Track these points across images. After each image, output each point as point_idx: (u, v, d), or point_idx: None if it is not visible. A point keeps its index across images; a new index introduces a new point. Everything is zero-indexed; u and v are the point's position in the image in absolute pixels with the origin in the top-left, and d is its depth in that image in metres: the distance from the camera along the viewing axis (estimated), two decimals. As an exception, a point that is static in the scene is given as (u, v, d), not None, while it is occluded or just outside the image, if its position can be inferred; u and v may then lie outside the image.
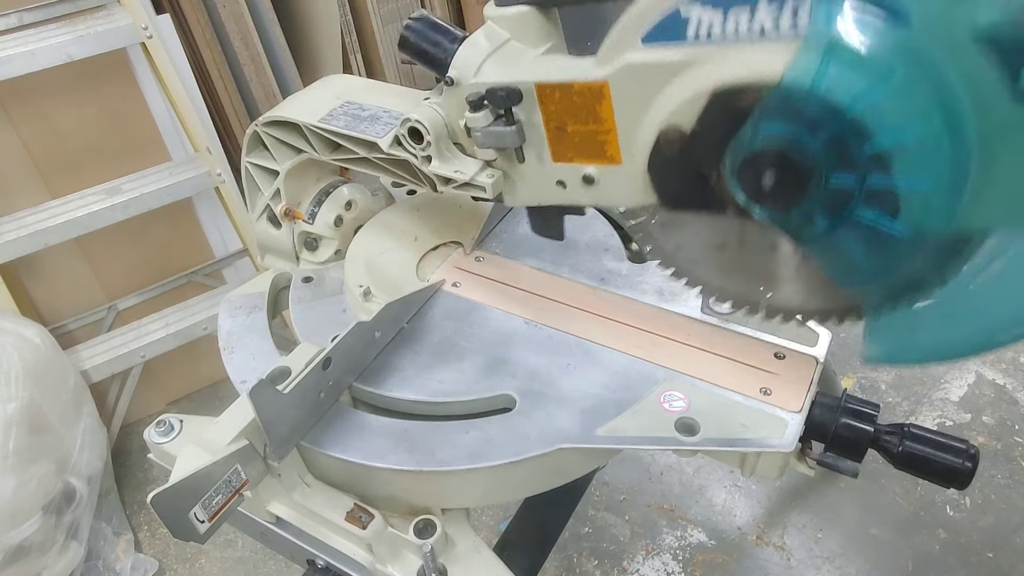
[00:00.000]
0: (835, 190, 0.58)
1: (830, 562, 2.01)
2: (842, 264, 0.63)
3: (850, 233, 0.60)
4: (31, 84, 1.88)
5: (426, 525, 0.80)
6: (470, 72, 0.79)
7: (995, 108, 0.51)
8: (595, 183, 0.78)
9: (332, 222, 1.08)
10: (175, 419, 0.89)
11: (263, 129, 1.03)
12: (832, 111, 0.54)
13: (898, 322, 0.66)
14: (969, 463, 0.74)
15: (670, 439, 0.76)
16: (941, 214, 0.56)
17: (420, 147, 0.86)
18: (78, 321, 2.29)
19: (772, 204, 0.62)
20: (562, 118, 0.75)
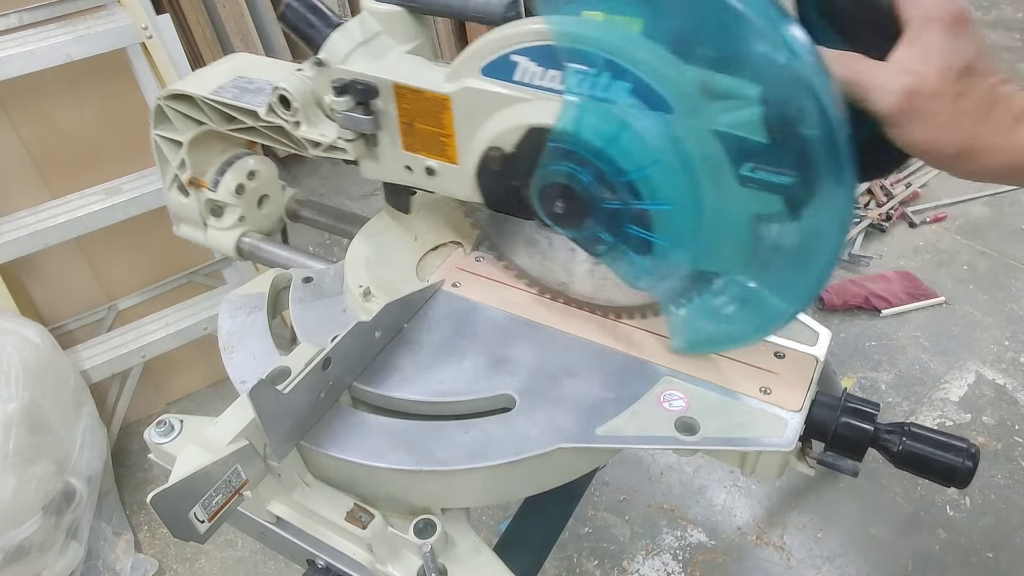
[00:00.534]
0: (608, 212, 0.73)
1: (830, 562, 2.01)
2: (628, 268, 0.78)
3: (627, 245, 0.75)
4: (31, 84, 1.88)
5: (426, 525, 0.80)
6: (339, 58, 0.87)
7: (723, 180, 0.67)
8: (436, 175, 0.89)
9: (234, 190, 1.18)
10: (175, 419, 0.89)
11: (165, 102, 1.12)
12: (593, 151, 0.70)
13: (690, 319, 0.82)
14: (969, 462, 0.74)
15: (670, 438, 0.76)
16: (685, 234, 0.72)
17: (289, 113, 0.96)
18: (78, 321, 2.29)
19: (565, 224, 0.78)
20: (412, 116, 0.86)
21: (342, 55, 0.86)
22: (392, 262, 1.02)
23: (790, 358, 0.84)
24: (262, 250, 1.21)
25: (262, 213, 1.25)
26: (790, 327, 0.87)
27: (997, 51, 4.38)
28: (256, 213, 1.24)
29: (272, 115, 0.98)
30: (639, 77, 0.66)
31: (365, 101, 0.86)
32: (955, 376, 2.46)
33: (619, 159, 0.69)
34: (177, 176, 1.18)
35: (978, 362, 2.50)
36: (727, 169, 0.67)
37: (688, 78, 0.65)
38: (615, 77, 0.68)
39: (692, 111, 0.66)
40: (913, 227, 3.08)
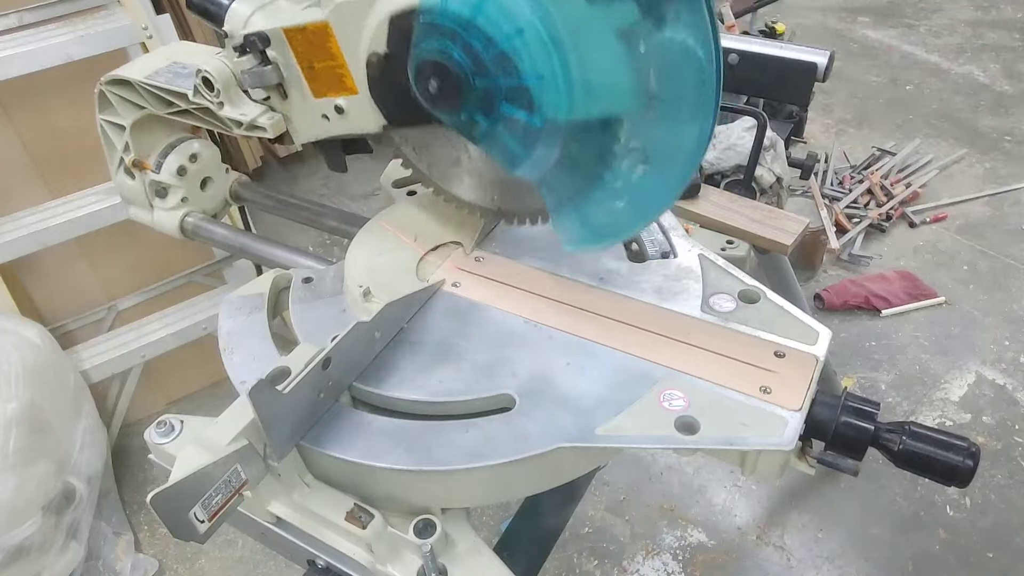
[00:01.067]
0: (482, 91, 0.73)
1: (830, 562, 2.01)
2: (506, 154, 0.78)
3: (504, 128, 0.75)
4: (31, 84, 1.88)
5: (426, 525, 0.80)
6: (240, 24, 0.92)
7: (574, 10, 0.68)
8: (345, 113, 0.93)
9: (176, 171, 1.25)
10: (175, 419, 0.88)
11: (107, 88, 1.17)
12: (460, 23, 0.70)
13: (573, 213, 0.83)
14: (970, 461, 0.74)
15: (670, 438, 0.76)
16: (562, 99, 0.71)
17: (213, 95, 1.01)
18: (78, 321, 2.29)
19: (443, 107, 0.78)
20: (309, 58, 0.90)
21: (243, 21, 0.92)
22: (392, 262, 1.02)
23: (790, 357, 0.83)
24: (205, 229, 1.28)
25: (206, 195, 1.32)
26: (791, 326, 0.87)
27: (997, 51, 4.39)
28: (199, 195, 1.30)
29: (199, 97, 1.04)
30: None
31: (262, 51, 0.91)
32: (955, 376, 2.46)
33: (487, 28, 0.70)
34: (123, 159, 1.25)
35: (978, 362, 2.50)
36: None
37: None
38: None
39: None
40: (913, 227, 3.08)
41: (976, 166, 3.40)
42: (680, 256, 1.00)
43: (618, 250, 1.02)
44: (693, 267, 0.97)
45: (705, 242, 1.05)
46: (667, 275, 0.97)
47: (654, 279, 0.96)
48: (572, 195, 0.82)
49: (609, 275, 0.98)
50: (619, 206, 0.80)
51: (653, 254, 1.01)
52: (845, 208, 3.08)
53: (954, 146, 3.51)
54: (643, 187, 0.77)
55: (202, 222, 1.29)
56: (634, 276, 0.97)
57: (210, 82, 1.00)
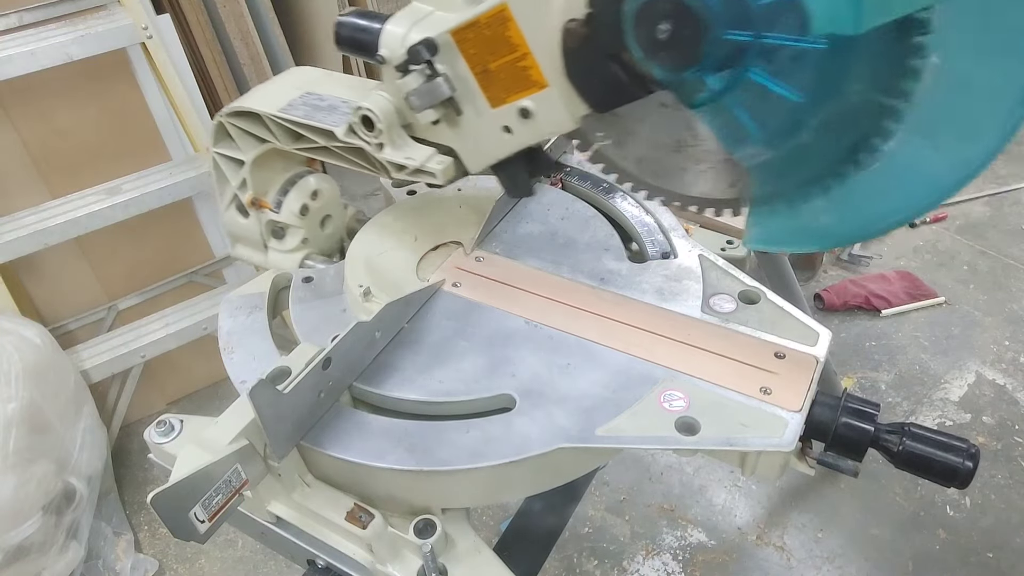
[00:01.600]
0: (731, 40, 0.58)
1: (830, 562, 2.01)
2: (731, 128, 0.64)
3: (741, 91, 0.60)
4: (31, 84, 1.88)
5: (426, 525, 0.80)
6: (397, 45, 0.83)
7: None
8: (533, 116, 0.80)
9: (298, 211, 1.10)
10: (175, 419, 0.89)
11: (228, 119, 1.05)
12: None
13: (782, 206, 0.68)
14: (970, 462, 0.74)
15: (670, 438, 0.76)
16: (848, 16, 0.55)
17: (372, 135, 0.89)
18: (78, 321, 2.29)
19: (667, 60, 0.63)
20: (484, 58, 0.78)
21: (399, 40, 0.83)
22: (392, 262, 1.02)
23: (790, 358, 0.83)
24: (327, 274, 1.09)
25: (325, 234, 1.17)
26: (792, 327, 0.87)
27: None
28: (319, 234, 1.16)
29: (351, 136, 0.92)
30: None
31: (428, 62, 0.80)
32: (955, 376, 2.46)
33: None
34: (236, 196, 1.12)
35: (978, 362, 2.50)
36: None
37: None
38: None
39: None
40: (913, 227, 3.08)
41: None
42: (680, 256, 1.00)
43: (618, 250, 1.02)
44: (693, 267, 0.97)
45: (705, 242, 1.05)
46: (667, 275, 0.97)
47: (654, 279, 0.96)
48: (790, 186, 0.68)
49: (609, 275, 0.98)
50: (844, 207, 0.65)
51: (653, 254, 1.01)
52: (845, 208, 3.08)
53: (954, 146, 3.51)
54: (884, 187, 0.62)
55: (322, 264, 1.13)
56: (634, 276, 0.97)
57: (371, 121, 0.88)
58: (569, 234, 1.05)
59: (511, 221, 1.09)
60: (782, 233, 0.71)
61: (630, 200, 1.11)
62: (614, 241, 1.04)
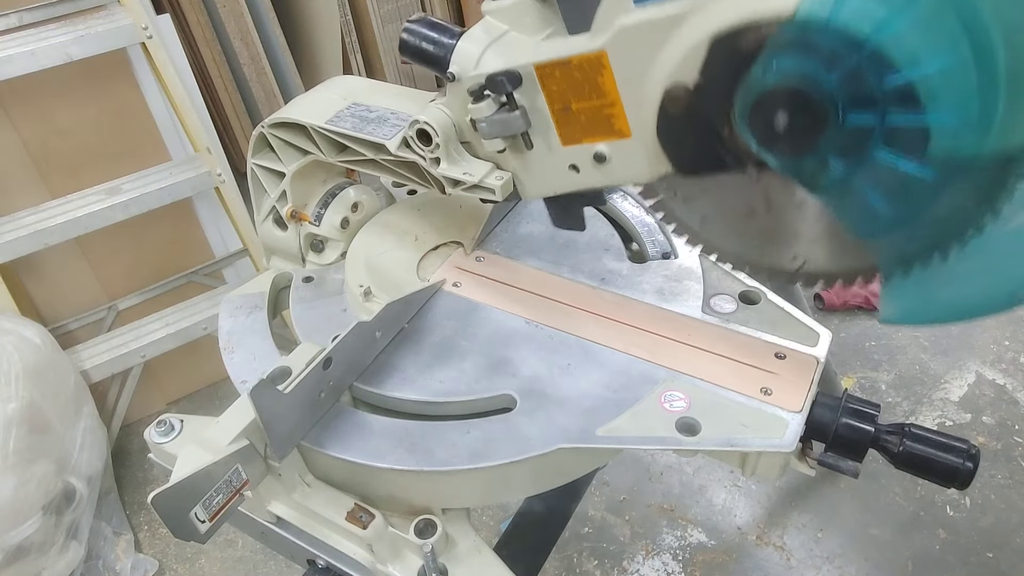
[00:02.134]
0: (853, 129, 0.55)
1: (830, 562, 2.01)
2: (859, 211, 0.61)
3: (868, 177, 0.57)
4: (31, 84, 1.88)
5: (427, 525, 0.80)
6: (471, 64, 0.79)
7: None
8: (607, 161, 0.77)
9: (339, 224, 1.08)
10: (175, 419, 0.89)
11: (270, 131, 1.02)
12: (851, 42, 0.52)
13: (916, 280, 0.64)
14: (970, 463, 0.74)
15: (671, 439, 0.76)
16: (970, 145, 0.53)
17: (428, 149, 0.86)
18: (78, 321, 2.29)
19: (786, 148, 0.60)
20: (566, 97, 0.75)
21: (474, 60, 0.79)
22: (393, 262, 1.02)
23: (791, 359, 0.83)
24: None
25: None
26: (792, 328, 0.87)
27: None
28: None
29: (405, 150, 0.89)
30: None
31: (508, 94, 0.76)
32: (955, 376, 2.46)
33: (892, 51, 0.51)
34: (274, 208, 1.09)
35: (978, 362, 2.50)
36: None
37: None
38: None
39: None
40: (913, 227, 3.08)
41: None
42: (681, 257, 1.00)
43: (619, 250, 1.02)
44: (694, 268, 0.97)
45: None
46: (668, 276, 0.97)
47: (655, 280, 0.96)
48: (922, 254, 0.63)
49: (610, 276, 0.98)
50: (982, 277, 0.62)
51: (654, 255, 1.01)
52: (845, 208, 3.08)
53: (954, 146, 3.51)
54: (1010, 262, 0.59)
55: None
56: (635, 277, 0.97)
57: (428, 135, 0.85)
58: (569, 234, 1.05)
59: (511, 221, 1.09)
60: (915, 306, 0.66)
61: (630, 200, 1.11)
62: (614, 241, 1.04)
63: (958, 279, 0.62)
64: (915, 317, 0.68)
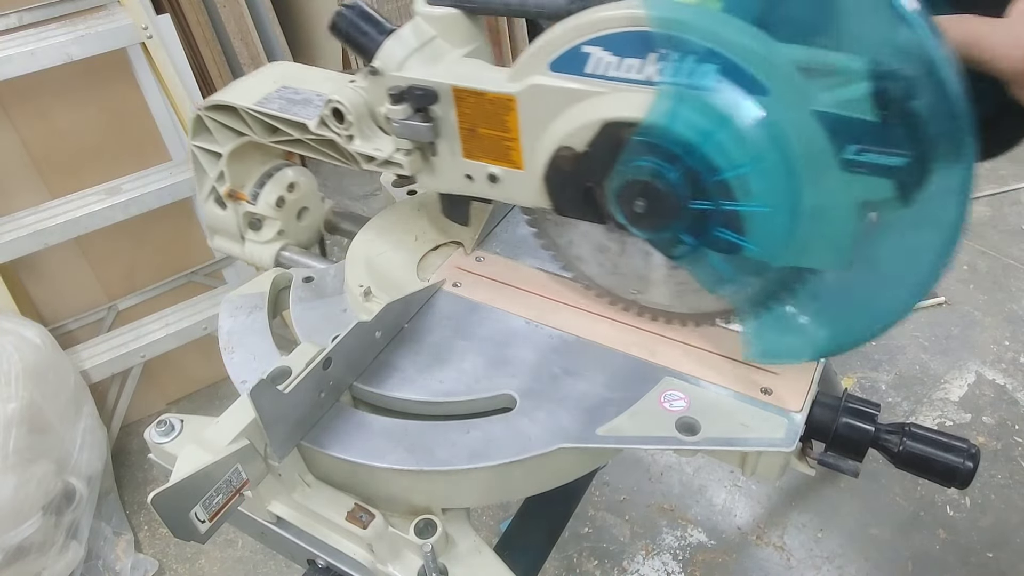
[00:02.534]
0: (695, 212, 0.68)
1: (830, 562, 2.01)
2: (710, 273, 0.74)
3: (711, 249, 0.70)
4: (31, 84, 1.88)
5: (427, 525, 0.80)
6: (394, 65, 0.83)
7: (824, 169, 0.62)
8: (499, 182, 0.85)
9: (274, 203, 1.14)
10: (176, 419, 0.89)
11: (205, 113, 1.08)
12: (685, 147, 0.65)
13: (770, 325, 0.77)
14: (970, 462, 0.74)
15: (670, 439, 0.76)
16: (780, 237, 0.66)
17: (342, 127, 0.92)
18: (78, 321, 2.29)
19: (645, 226, 0.72)
20: (475, 121, 0.81)
21: (397, 62, 0.83)
22: (393, 262, 1.02)
23: (791, 358, 0.83)
24: (301, 263, 1.16)
25: (301, 226, 1.21)
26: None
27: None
28: (295, 226, 1.20)
29: (323, 128, 0.94)
30: (732, 61, 0.61)
31: (424, 108, 0.82)
32: (955, 376, 2.46)
33: (713, 156, 0.64)
34: (214, 188, 1.15)
35: (978, 362, 2.50)
36: (830, 154, 0.61)
37: (784, 56, 0.60)
38: (706, 62, 0.62)
39: (790, 93, 0.60)
40: (913, 227, 3.07)
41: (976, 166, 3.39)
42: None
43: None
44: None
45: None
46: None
47: (655, 279, 0.96)
48: (766, 306, 0.76)
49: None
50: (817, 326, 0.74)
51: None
52: (845, 208, 3.08)
53: (954, 146, 3.51)
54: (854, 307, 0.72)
55: (299, 256, 1.17)
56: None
57: (341, 113, 0.90)
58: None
59: (512, 221, 1.09)
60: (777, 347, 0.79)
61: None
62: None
63: (799, 328, 0.75)
64: (769, 356, 0.80)
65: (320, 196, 1.24)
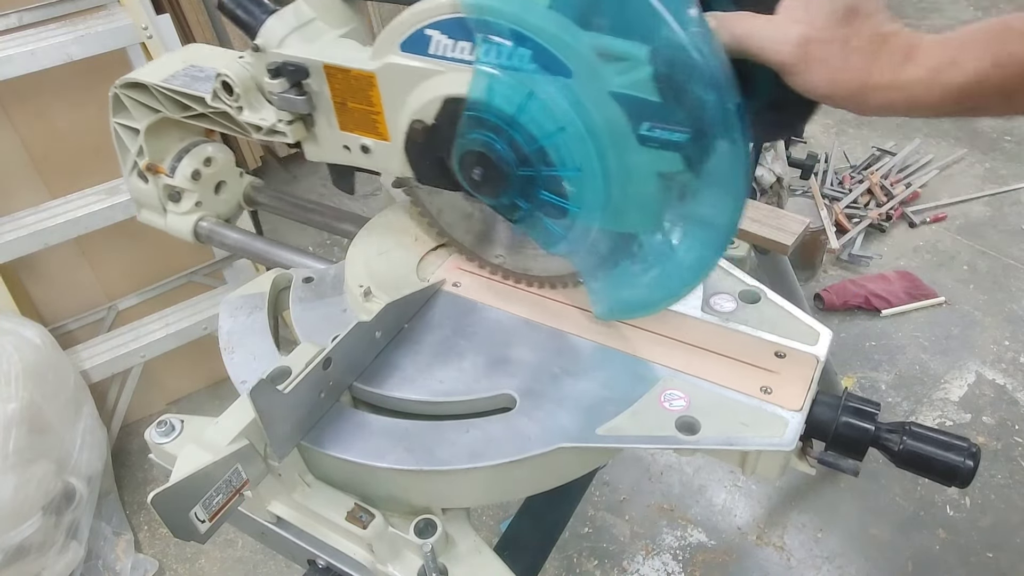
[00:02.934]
0: (523, 179, 0.76)
1: (830, 562, 2.02)
2: (545, 234, 0.81)
3: (542, 211, 0.79)
4: (31, 84, 1.88)
5: (427, 525, 0.80)
6: (274, 42, 0.92)
7: (625, 142, 0.71)
8: (371, 152, 0.93)
9: (190, 175, 1.23)
10: (176, 419, 0.88)
11: (121, 91, 1.17)
12: (505, 119, 0.74)
13: (612, 284, 0.85)
14: (971, 461, 0.74)
15: (670, 438, 0.76)
16: (596, 201, 0.75)
17: (232, 99, 1.00)
18: (78, 321, 2.29)
19: (485, 191, 0.80)
20: (345, 95, 0.90)
21: (277, 40, 0.91)
22: (392, 262, 1.02)
23: (791, 358, 0.83)
24: (218, 234, 1.27)
25: (220, 199, 1.30)
26: (792, 327, 0.87)
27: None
28: (213, 199, 1.29)
29: (217, 101, 1.02)
30: (540, 44, 0.70)
31: (298, 82, 0.91)
32: (955, 376, 2.46)
33: (528, 126, 0.73)
34: (136, 163, 1.24)
35: (978, 362, 2.50)
36: (627, 130, 0.70)
37: (584, 43, 0.69)
38: (518, 45, 0.71)
39: (589, 74, 0.69)
40: (913, 227, 3.08)
41: (976, 166, 3.40)
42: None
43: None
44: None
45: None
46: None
47: (654, 279, 0.96)
48: (603, 267, 0.83)
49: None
50: (647, 281, 0.81)
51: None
52: (845, 208, 3.08)
53: (954, 146, 3.51)
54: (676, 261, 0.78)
55: (216, 227, 1.27)
56: (634, 276, 0.97)
57: (229, 86, 0.99)
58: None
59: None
60: (612, 305, 0.86)
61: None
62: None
63: (632, 285, 0.82)
64: (613, 314, 0.87)
65: (239, 171, 1.33)
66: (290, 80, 0.90)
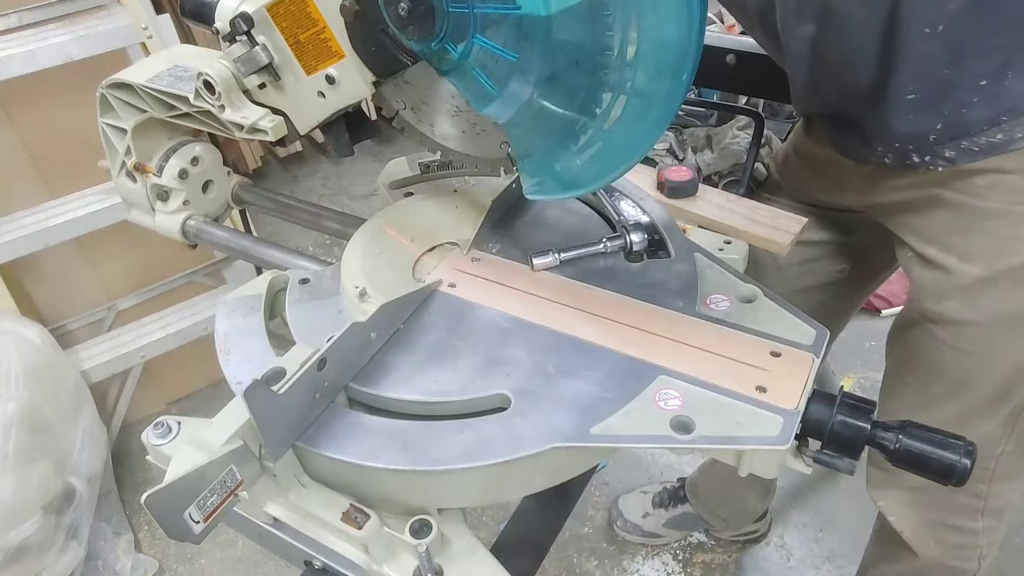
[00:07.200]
0: (455, 15, 0.75)
1: (830, 562, 2.01)
2: (477, 90, 0.79)
3: (476, 59, 0.77)
4: (31, 84, 1.88)
5: (422, 525, 0.80)
6: (228, 18, 0.93)
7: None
8: (337, 82, 0.93)
9: (177, 174, 1.25)
10: (173, 421, 0.88)
11: (108, 91, 1.18)
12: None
13: (540, 160, 0.84)
14: (967, 459, 0.74)
15: (665, 437, 0.75)
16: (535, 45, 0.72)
17: (214, 98, 1.01)
18: (78, 321, 2.30)
19: (414, 34, 0.79)
20: (294, 31, 0.91)
21: (231, 14, 0.93)
22: (388, 263, 1.02)
23: (786, 357, 0.83)
24: (206, 232, 1.28)
25: (207, 198, 1.32)
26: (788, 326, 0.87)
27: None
28: (201, 198, 1.30)
29: (200, 100, 1.03)
30: None
31: (247, 32, 0.92)
32: (956, 375, 2.45)
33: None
34: (124, 162, 1.25)
35: (979, 361, 2.49)
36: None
37: None
38: None
39: None
40: (914, 226, 3.07)
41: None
42: (676, 256, 1.00)
43: (615, 250, 1.02)
44: (689, 267, 0.97)
45: (703, 242, 1.05)
46: (663, 275, 0.97)
47: (650, 279, 0.96)
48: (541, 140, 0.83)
49: (605, 275, 0.98)
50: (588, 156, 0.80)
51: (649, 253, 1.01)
52: (846, 207, 3.08)
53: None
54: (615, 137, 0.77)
55: (204, 225, 1.29)
56: (630, 276, 0.97)
57: (211, 85, 1.00)
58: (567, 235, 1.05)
59: (509, 220, 1.09)
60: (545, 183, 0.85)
61: (627, 200, 1.11)
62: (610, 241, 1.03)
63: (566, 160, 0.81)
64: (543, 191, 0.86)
65: (226, 171, 1.33)
66: (239, 33, 0.92)
